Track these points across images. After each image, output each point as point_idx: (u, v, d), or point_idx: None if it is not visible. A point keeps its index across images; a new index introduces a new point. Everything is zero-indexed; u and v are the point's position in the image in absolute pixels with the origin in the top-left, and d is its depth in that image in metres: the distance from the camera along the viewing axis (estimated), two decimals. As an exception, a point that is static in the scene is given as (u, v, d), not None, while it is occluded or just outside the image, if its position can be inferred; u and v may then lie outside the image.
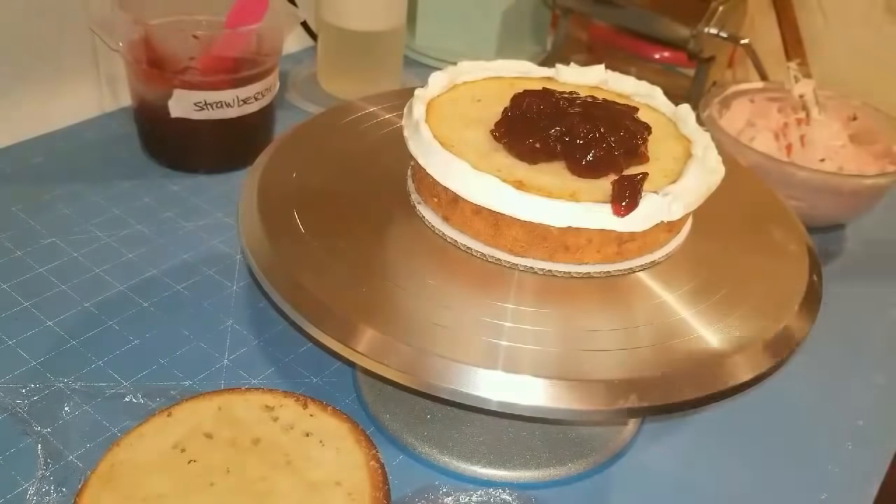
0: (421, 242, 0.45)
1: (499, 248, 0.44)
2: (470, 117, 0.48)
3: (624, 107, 0.49)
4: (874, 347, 0.59)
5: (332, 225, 0.47)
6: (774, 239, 0.50)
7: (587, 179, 0.44)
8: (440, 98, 0.49)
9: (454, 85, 0.51)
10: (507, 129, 0.46)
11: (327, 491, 0.40)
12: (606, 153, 0.44)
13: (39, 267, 0.57)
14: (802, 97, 0.71)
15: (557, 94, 0.48)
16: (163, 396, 0.47)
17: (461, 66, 0.52)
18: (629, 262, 0.45)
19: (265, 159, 0.52)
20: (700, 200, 0.45)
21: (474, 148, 0.45)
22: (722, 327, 0.42)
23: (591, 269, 0.44)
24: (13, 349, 0.50)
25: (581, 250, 0.43)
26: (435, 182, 0.44)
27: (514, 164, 0.44)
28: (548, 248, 0.43)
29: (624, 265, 0.44)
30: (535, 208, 0.41)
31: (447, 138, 0.45)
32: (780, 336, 0.43)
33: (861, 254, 0.70)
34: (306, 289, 0.42)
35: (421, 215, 0.46)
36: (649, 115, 0.50)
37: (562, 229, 0.42)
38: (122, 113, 0.75)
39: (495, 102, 0.48)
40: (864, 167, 0.68)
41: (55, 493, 0.41)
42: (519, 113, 0.46)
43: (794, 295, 0.45)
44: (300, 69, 0.88)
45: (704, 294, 0.44)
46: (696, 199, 0.45)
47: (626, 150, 0.45)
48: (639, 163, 0.45)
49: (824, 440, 0.52)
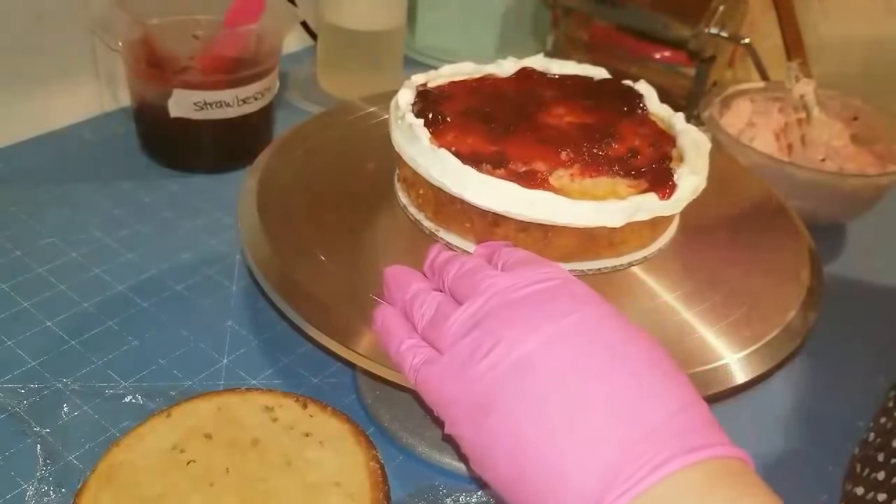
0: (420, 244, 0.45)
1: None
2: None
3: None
4: (874, 347, 0.59)
5: (332, 225, 0.47)
6: (774, 239, 0.50)
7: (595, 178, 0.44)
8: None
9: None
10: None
11: (327, 491, 0.40)
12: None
13: (39, 267, 0.57)
14: (803, 97, 0.71)
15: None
16: (162, 397, 0.47)
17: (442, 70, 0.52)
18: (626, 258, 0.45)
19: (265, 159, 0.52)
20: (707, 171, 0.46)
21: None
22: (722, 328, 0.42)
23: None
24: (13, 349, 0.50)
25: (627, 242, 0.44)
26: (470, 208, 0.42)
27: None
28: (595, 249, 0.44)
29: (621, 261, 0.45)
30: (588, 214, 0.41)
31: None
32: (781, 336, 0.43)
33: (861, 254, 0.70)
34: (306, 289, 0.42)
35: (442, 241, 0.45)
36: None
37: (611, 228, 0.42)
38: (122, 113, 0.75)
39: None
40: (865, 167, 0.68)
41: (54, 493, 0.41)
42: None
43: (795, 295, 0.45)
44: (300, 69, 0.88)
45: (705, 294, 0.44)
46: (706, 171, 0.46)
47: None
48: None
49: (824, 440, 0.52)
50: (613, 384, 0.31)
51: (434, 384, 0.35)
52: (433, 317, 0.36)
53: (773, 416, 0.53)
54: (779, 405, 0.54)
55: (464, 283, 0.37)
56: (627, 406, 0.31)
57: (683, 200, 0.44)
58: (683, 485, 0.29)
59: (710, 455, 0.30)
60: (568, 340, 0.33)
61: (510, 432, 0.32)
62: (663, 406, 0.31)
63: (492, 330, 0.33)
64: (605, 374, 0.32)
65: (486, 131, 0.46)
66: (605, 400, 0.31)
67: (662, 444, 0.30)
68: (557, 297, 0.35)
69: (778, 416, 0.53)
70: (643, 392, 0.31)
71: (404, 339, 0.37)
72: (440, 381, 0.35)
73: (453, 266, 0.38)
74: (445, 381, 0.34)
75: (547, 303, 0.34)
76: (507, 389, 0.32)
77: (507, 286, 0.35)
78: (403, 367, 0.37)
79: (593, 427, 0.30)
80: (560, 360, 0.32)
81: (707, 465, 0.30)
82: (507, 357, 0.32)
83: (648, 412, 0.31)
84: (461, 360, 0.34)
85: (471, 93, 0.50)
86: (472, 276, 0.36)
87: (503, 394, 0.32)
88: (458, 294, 0.37)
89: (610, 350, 0.32)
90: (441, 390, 0.35)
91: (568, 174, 0.44)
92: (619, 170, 0.44)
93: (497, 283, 0.35)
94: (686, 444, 0.30)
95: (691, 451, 0.29)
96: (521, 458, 0.31)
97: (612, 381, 0.31)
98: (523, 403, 0.31)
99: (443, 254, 0.40)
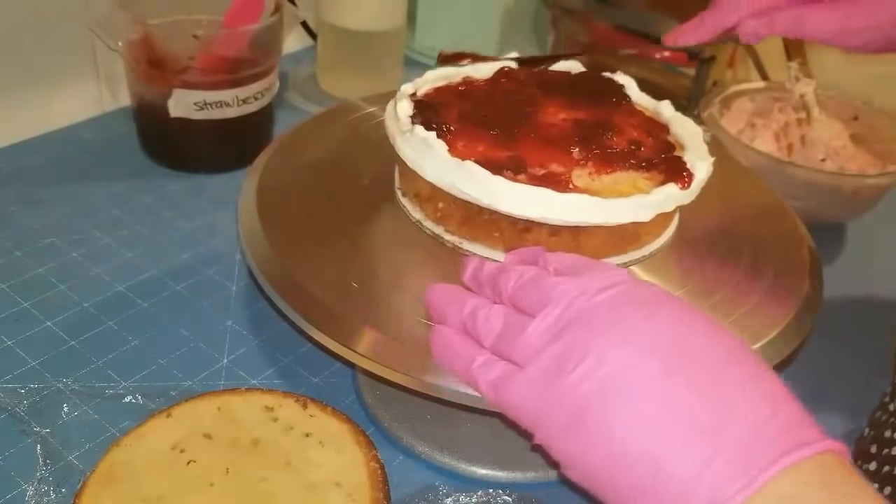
0: (420, 244, 0.45)
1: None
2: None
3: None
4: (874, 347, 0.59)
5: (332, 225, 0.47)
6: (774, 239, 0.50)
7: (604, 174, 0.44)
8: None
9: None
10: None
11: (327, 491, 0.40)
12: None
13: (39, 267, 0.57)
14: (803, 97, 0.71)
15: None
16: (162, 397, 0.47)
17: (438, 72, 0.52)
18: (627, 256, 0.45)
19: (265, 159, 0.52)
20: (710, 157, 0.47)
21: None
22: (722, 327, 0.42)
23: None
24: (12, 349, 0.50)
25: (650, 234, 0.45)
26: (500, 217, 0.42)
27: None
28: (622, 245, 0.44)
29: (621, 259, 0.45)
30: (621, 211, 0.42)
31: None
32: (780, 336, 0.43)
33: (861, 254, 0.70)
34: (306, 289, 0.42)
35: (467, 252, 0.45)
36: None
37: (637, 223, 0.42)
38: (122, 113, 0.75)
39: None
40: (865, 167, 0.68)
41: (54, 493, 0.41)
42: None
43: (794, 295, 0.45)
44: (300, 69, 0.88)
45: (704, 295, 0.44)
46: (708, 155, 0.47)
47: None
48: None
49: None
50: (708, 385, 0.31)
51: (519, 398, 0.34)
52: (503, 330, 0.36)
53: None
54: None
55: (529, 293, 0.36)
56: (726, 406, 0.31)
57: (697, 186, 0.44)
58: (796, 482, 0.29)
59: (817, 450, 0.30)
60: (658, 345, 0.33)
61: (608, 438, 0.32)
62: (762, 404, 0.31)
63: (579, 340, 0.33)
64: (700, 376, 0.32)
65: (491, 137, 0.45)
66: (701, 402, 0.31)
67: (768, 442, 0.30)
68: (634, 301, 0.34)
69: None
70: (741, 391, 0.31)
71: (475, 356, 0.36)
72: (526, 394, 0.34)
73: (510, 276, 0.37)
74: (532, 395, 0.34)
75: (627, 308, 0.34)
76: (604, 400, 0.32)
77: (581, 293, 0.35)
78: (479, 384, 0.36)
79: (695, 428, 0.30)
80: (652, 367, 0.32)
81: (816, 461, 0.30)
82: (601, 368, 0.32)
83: (749, 411, 0.31)
84: (547, 371, 0.33)
85: (460, 97, 0.49)
86: (538, 284, 0.36)
87: (599, 404, 0.32)
88: (523, 304, 0.36)
89: (700, 351, 0.33)
90: (528, 404, 0.34)
91: (586, 173, 0.44)
92: (633, 163, 0.44)
93: (569, 290, 0.35)
94: (793, 440, 0.30)
95: (798, 448, 0.30)
96: (620, 461, 0.31)
97: (707, 382, 0.31)
98: (620, 412, 0.31)
99: (488, 265, 0.39)
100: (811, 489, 0.29)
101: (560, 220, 0.41)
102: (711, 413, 0.31)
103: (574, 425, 0.32)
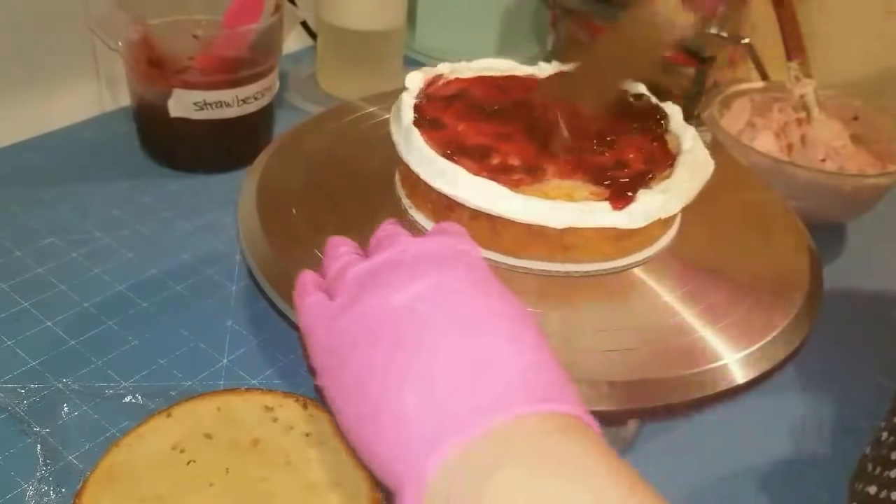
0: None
1: (497, 250, 0.44)
2: None
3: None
4: (874, 347, 0.59)
5: (331, 225, 0.47)
6: (774, 239, 0.50)
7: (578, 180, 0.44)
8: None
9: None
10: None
11: (327, 491, 0.40)
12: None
13: (39, 267, 0.57)
14: (803, 97, 0.71)
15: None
16: (162, 397, 0.47)
17: (440, 67, 0.52)
18: (626, 259, 0.45)
19: (265, 159, 0.52)
20: (693, 195, 0.45)
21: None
22: (722, 328, 0.42)
23: (590, 269, 0.44)
24: (13, 349, 0.50)
25: (579, 249, 0.43)
26: (430, 189, 0.43)
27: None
28: (547, 248, 0.43)
29: (621, 262, 0.45)
30: (534, 210, 0.41)
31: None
32: (780, 336, 0.43)
33: (861, 254, 0.70)
34: (306, 289, 0.42)
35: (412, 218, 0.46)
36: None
37: (561, 229, 0.42)
38: (122, 113, 0.75)
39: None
40: (865, 167, 0.68)
41: (54, 493, 0.41)
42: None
43: (794, 295, 0.45)
44: (300, 69, 0.88)
45: (704, 295, 0.44)
46: (690, 194, 0.45)
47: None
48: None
49: (824, 440, 0.52)
50: (466, 342, 0.32)
51: (312, 328, 0.35)
52: (339, 269, 0.37)
53: (773, 416, 0.53)
54: (778, 405, 0.54)
55: (381, 243, 0.37)
56: (478, 361, 0.31)
57: (641, 216, 0.42)
58: (524, 428, 0.29)
59: (553, 409, 0.30)
60: (438, 296, 0.33)
61: (364, 370, 0.32)
62: (514, 365, 0.31)
63: (379, 281, 0.34)
64: (462, 332, 0.32)
65: (487, 123, 0.47)
66: (453, 353, 0.31)
67: (507, 395, 0.30)
68: (447, 259, 0.35)
69: (778, 416, 0.53)
70: (497, 350, 0.32)
71: (312, 290, 0.37)
72: (315, 320, 0.35)
73: (383, 231, 0.38)
74: (320, 322, 0.35)
75: (436, 263, 0.35)
76: (368, 334, 0.33)
77: (409, 245, 0.36)
78: (299, 312, 0.37)
79: (438, 377, 0.31)
80: (424, 314, 0.32)
81: (551, 417, 0.30)
82: (377, 305, 0.33)
83: (498, 369, 0.31)
84: (342, 304, 0.34)
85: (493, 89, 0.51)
86: (392, 237, 0.37)
87: (363, 337, 0.33)
88: (370, 252, 0.37)
89: (468, 313, 0.33)
90: (312, 330, 0.35)
91: (550, 171, 0.44)
92: (592, 176, 0.44)
93: (407, 241, 0.36)
94: (532, 396, 0.30)
95: (536, 403, 0.30)
96: (368, 398, 0.31)
97: (466, 339, 0.32)
98: (378, 349, 0.32)
99: (388, 226, 0.40)
100: (559, 434, 0.29)
101: (466, 201, 0.42)
102: (463, 366, 0.31)
103: (340, 358, 0.33)
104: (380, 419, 0.31)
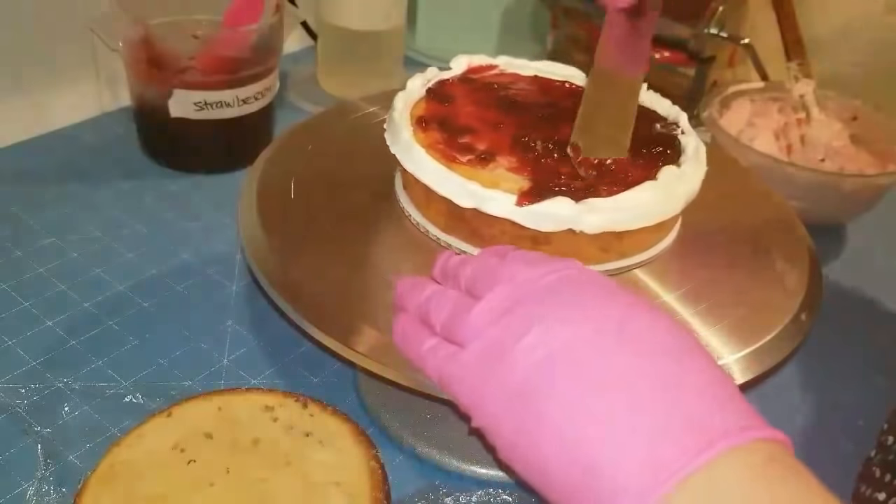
0: (419, 244, 0.45)
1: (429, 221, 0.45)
2: None
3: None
4: (874, 347, 0.59)
5: (332, 225, 0.47)
6: (774, 239, 0.50)
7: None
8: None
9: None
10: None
11: (327, 491, 0.40)
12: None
13: (39, 267, 0.57)
14: (803, 97, 0.71)
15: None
16: (162, 396, 0.47)
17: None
18: (627, 261, 0.45)
19: (265, 159, 0.52)
20: (650, 221, 0.43)
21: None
22: (722, 328, 0.42)
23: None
24: (13, 349, 0.50)
25: (494, 240, 0.43)
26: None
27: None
28: (464, 231, 0.44)
29: (621, 263, 0.45)
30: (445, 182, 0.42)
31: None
32: (780, 336, 0.43)
33: (861, 254, 0.70)
34: (306, 289, 0.42)
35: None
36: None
37: (471, 211, 0.42)
38: (122, 113, 0.75)
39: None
40: (865, 167, 0.68)
41: (55, 493, 0.41)
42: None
43: (794, 295, 0.45)
44: (300, 69, 0.88)
45: (704, 295, 0.44)
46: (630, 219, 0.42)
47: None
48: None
49: (824, 440, 0.52)
50: (653, 372, 0.31)
51: (460, 378, 0.34)
52: (451, 313, 0.35)
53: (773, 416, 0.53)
54: (778, 405, 0.54)
55: (481, 278, 0.36)
56: (667, 394, 0.30)
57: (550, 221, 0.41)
58: (728, 468, 0.28)
59: (753, 437, 0.29)
60: (606, 325, 0.32)
61: (543, 418, 0.30)
62: (701, 394, 0.30)
63: (523, 317, 0.32)
64: (646, 361, 0.31)
65: (493, 112, 0.48)
66: (648, 387, 0.30)
67: (703, 430, 0.29)
68: (581, 282, 0.34)
69: (777, 416, 0.53)
70: (682, 381, 0.31)
71: (426, 340, 0.36)
72: (465, 374, 0.34)
73: (469, 264, 0.37)
74: (471, 374, 0.33)
75: (574, 288, 0.34)
76: (545, 376, 0.31)
77: (529, 274, 0.34)
78: (426, 367, 0.36)
79: (635, 415, 0.30)
80: (601, 346, 0.31)
81: (751, 448, 0.29)
82: (545, 343, 0.31)
83: (687, 400, 0.30)
84: (488, 350, 0.33)
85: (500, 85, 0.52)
86: (492, 269, 0.36)
87: (539, 380, 0.31)
88: (476, 290, 0.36)
89: (646, 334, 0.32)
90: (466, 384, 0.34)
91: (512, 162, 0.44)
92: (538, 177, 0.43)
93: (517, 272, 0.35)
94: (729, 426, 0.29)
95: (733, 434, 0.29)
96: (556, 447, 0.30)
97: (651, 369, 0.31)
98: (561, 388, 0.30)
99: (455, 257, 0.39)
100: (765, 470, 0.29)
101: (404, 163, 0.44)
102: (655, 398, 0.30)
103: (510, 404, 0.32)
104: (576, 465, 0.30)
